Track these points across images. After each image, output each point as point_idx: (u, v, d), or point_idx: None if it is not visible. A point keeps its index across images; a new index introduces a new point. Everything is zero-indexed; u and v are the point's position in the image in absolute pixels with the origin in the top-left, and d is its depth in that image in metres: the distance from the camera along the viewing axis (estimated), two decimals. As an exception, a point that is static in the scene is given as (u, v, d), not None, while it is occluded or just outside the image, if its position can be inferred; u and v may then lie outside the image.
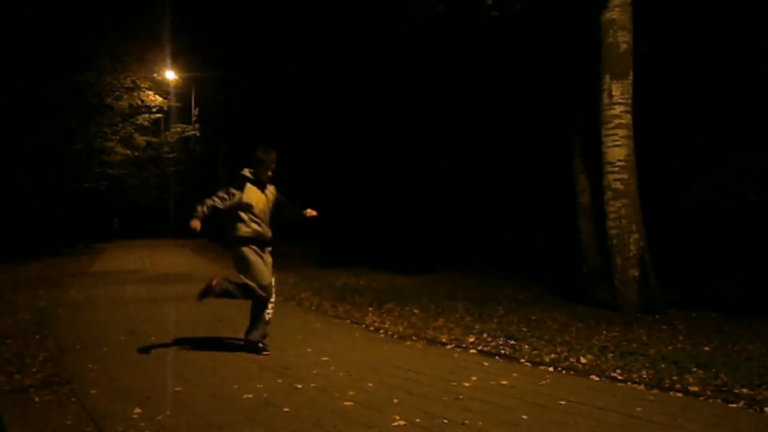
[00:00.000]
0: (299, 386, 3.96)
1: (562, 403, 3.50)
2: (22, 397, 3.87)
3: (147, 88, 20.78)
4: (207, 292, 4.94)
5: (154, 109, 22.15)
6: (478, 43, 14.42)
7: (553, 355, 4.75)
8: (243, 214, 4.92)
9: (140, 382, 4.16)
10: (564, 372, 4.30)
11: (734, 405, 3.44)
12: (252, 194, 4.96)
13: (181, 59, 20.95)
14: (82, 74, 18.52)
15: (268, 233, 5.10)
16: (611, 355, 4.71)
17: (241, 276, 4.96)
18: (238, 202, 4.89)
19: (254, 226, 4.97)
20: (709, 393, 3.66)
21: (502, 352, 4.95)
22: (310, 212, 5.35)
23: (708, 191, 9.54)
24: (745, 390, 3.68)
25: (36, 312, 7.45)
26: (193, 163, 28.66)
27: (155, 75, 21.00)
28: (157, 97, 21.30)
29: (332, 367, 4.48)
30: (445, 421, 3.22)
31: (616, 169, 7.36)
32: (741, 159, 9.46)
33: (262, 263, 5.03)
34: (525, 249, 15.17)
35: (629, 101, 7.38)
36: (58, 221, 24.16)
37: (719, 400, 3.54)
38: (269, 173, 5.10)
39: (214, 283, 4.96)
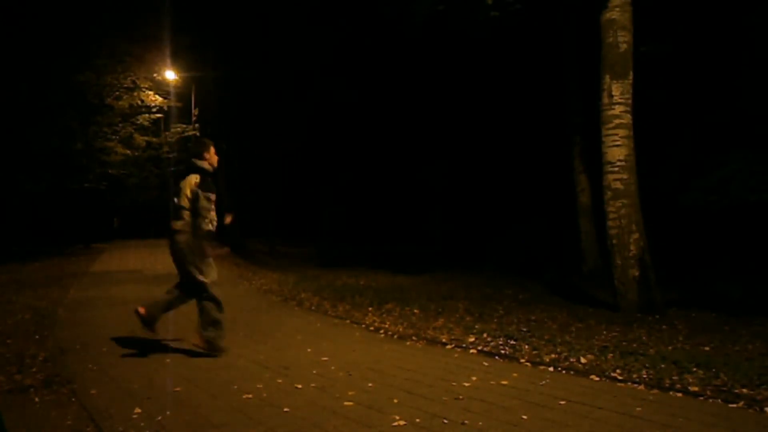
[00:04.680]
0: (299, 386, 3.96)
1: (562, 403, 3.50)
2: (22, 397, 3.87)
3: (147, 88, 20.75)
4: (148, 323, 4.88)
5: (154, 109, 22.13)
6: (478, 44, 14.43)
7: (553, 355, 4.75)
8: (212, 209, 4.85)
9: (140, 382, 4.16)
10: (564, 372, 4.30)
11: (734, 405, 3.44)
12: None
13: (181, 59, 20.92)
14: (82, 74, 18.49)
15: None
16: (611, 355, 4.71)
17: (194, 271, 4.82)
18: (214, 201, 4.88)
19: (214, 220, 4.90)
20: (709, 393, 3.66)
21: (502, 352, 4.95)
22: None
23: (708, 191, 9.56)
24: (745, 390, 3.68)
25: (36, 312, 7.45)
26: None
27: (155, 75, 20.96)
28: (157, 97, 21.28)
29: (332, 367, 4.48)
30: (445, 421, 3.22)
31: (616, 169, 7.37)
32: (741, 159, 9.47)
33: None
34: (525, 249, 15.19)
35: (629, 101, 7.39)
36: (58, 221, 24.16)
37: (719, 400, 3.53)
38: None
39: (143, 311, 4.85)
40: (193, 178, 4.83)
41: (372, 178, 23.16)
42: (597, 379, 4.09)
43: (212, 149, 5.05)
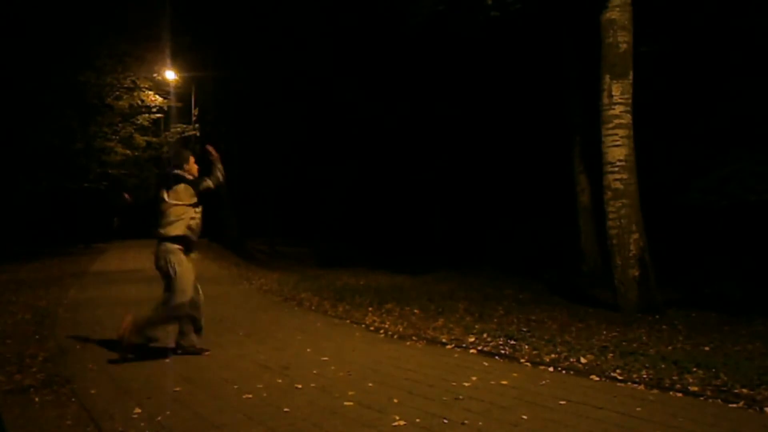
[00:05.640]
0: (299, 386, 3.96)
1: (562, 403, 3.50)
2: (22, 397, 3.86)
3: (147, 88, 20.78)
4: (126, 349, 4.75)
5: (154, 109, 22.15)
6: (478, 44, 14.43)
7: (553, 355, 4.75)
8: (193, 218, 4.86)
9: (140, 382, 4.16)
10: (564, 372, 4.30)
11: (734, 405, 3.44)
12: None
13: (181, 59, 20.93)
14: (83, 74, 18.51)
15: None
16: (611, 355, 4.70)
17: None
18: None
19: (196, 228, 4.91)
20: (709, 393, 3.66)
21: (502, 352, 4.95)
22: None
23: (707, 191, 9.57)
24: (745, 390, 3.68)
25: (36, 312, 7.45)
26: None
27: (155, 75, 20.98)
28: (157, 97, 21.30)
29: (332, 367, 4.48)
30: (445, 421, 3.22)
31: (616, 169, 7.37)
32: (741, 159, 9.47)
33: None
34: (525, 249, 15.19)
35: (629, 101, 7.39)
36: (58, 221, 24.16)
37: (719, 400, 3.53)
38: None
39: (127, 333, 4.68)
40: (182, 187, 4.82)
41: (372, 178, 23.16)
42: (597, 379, 4.09)
43: (191, 160, 5.01)
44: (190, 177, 4.92)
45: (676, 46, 10.81)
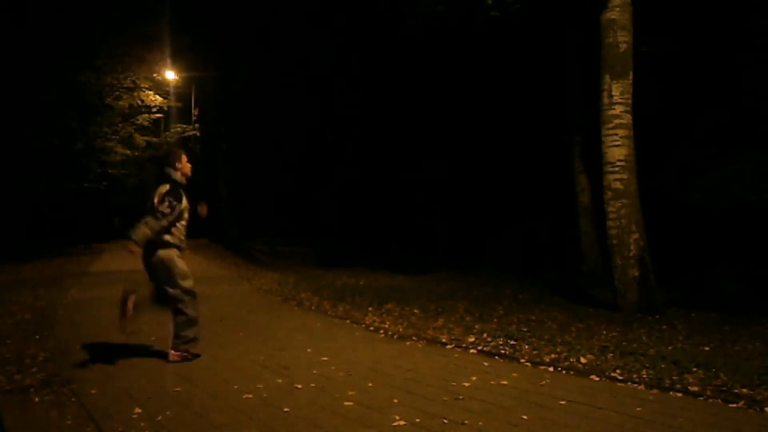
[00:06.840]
0: (299, 386, 3.96)
1: (562, 403, 3.50)
2: (22, 397, 3.86)
3: (147, 88, 20.80)
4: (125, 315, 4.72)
5: (154, 109, 22.17)
6: (478, 44, 14.43)
7: (553, 355, 4.75)
8: (179, 222, 4.75)
9: (140, 382, 4.16)
10: (564, 372, 4.30)
11: (734, 405, 3.44)
12: (185, 200, 4.79)
13: (181, 59, 20.95)
14: (83, 74, 18.52)
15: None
16: (611, 355, 4.71)
17: (166, 285, 4.73)
18: (180, 212, 4.72)
19: (183, 232, 4.82)
20: (709, 393, 3.66)
21: (502, 352, 4.95)
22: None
23: (707, 191, 9.57)
24: (745, 390, 3.68)
25: (36, 312, 7.45)
26: (193, 163, 28.60)
27: (155, 75, 21.00)
28: (157, 97, 21.32)
29: (332, 367, 4.48)
30: (445, 421, 3.22)
31: (616, 169, 7.37)
32: (741, 159, 9.47)
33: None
34: (525, 249, 15.19)
35: (629, 101, 7.39)
36: (58, 221, 24.16)
37: (719, 400, 3.54)
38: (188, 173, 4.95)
39: (130, 305, 4.66)
40: (164, 188, 4.74)
41: (372, 178, 23.17)
42: (597, 379, 4.09)
43: (184, 158, 4.92)
44: (180, 178, 4.83)
45: (676, 46, 10.81)
